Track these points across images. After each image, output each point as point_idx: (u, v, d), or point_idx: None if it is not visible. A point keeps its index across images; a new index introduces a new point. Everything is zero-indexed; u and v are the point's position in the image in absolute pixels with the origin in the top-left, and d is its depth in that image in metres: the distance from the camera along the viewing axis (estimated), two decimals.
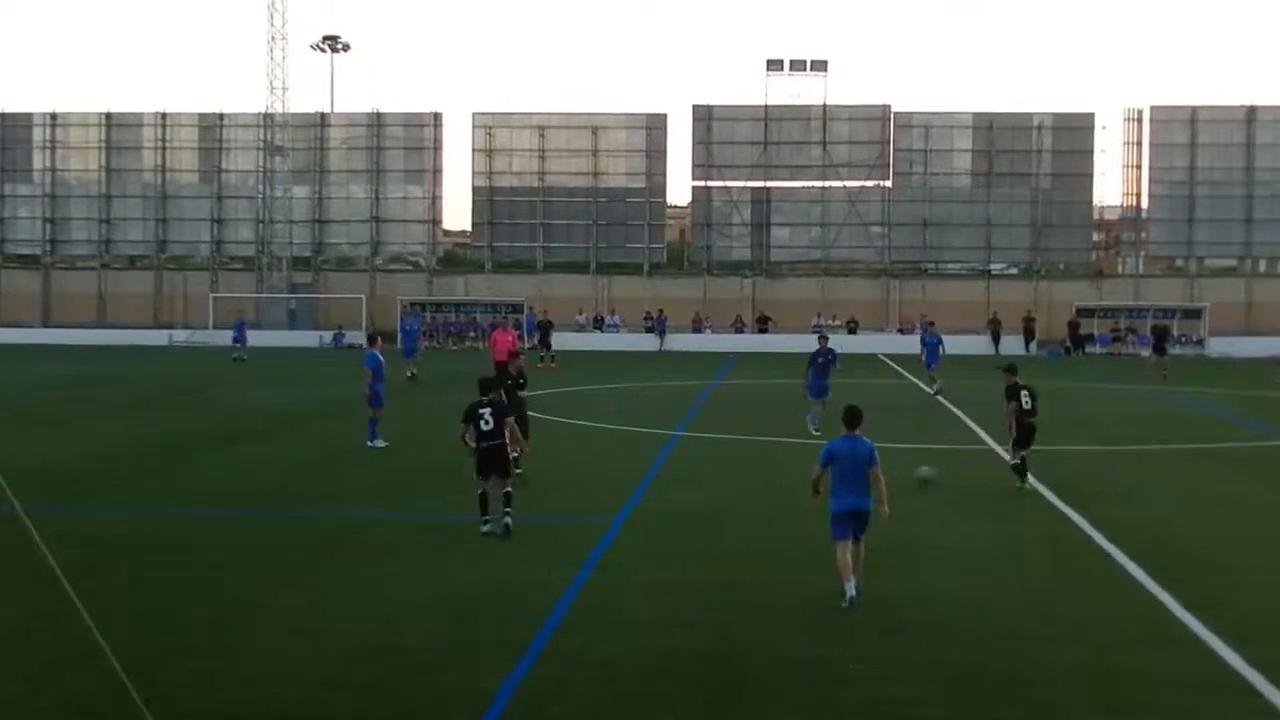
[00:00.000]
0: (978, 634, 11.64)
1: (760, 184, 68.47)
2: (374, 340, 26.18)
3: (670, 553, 14.95)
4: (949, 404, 32.81)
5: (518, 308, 63.42)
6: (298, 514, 17.62)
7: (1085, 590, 13.32)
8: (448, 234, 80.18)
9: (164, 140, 70.52)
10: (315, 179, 69.99)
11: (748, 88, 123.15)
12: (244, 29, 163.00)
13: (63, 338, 63.84)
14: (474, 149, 69.17)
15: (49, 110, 71.30)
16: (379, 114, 69.98)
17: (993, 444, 24.71)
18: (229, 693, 9.87)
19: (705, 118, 68.21)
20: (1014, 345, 60.28)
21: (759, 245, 69.12)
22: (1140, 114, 66.98)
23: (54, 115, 71.04)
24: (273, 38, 67.05)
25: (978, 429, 27.46)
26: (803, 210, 69.19)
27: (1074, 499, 18.36)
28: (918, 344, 41.28)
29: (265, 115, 67.76)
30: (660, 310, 64.87)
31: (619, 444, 25.79)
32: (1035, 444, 19.81)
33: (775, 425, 27.93)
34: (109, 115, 70.71)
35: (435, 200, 70.38)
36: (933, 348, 36.43)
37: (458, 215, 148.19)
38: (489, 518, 15.42)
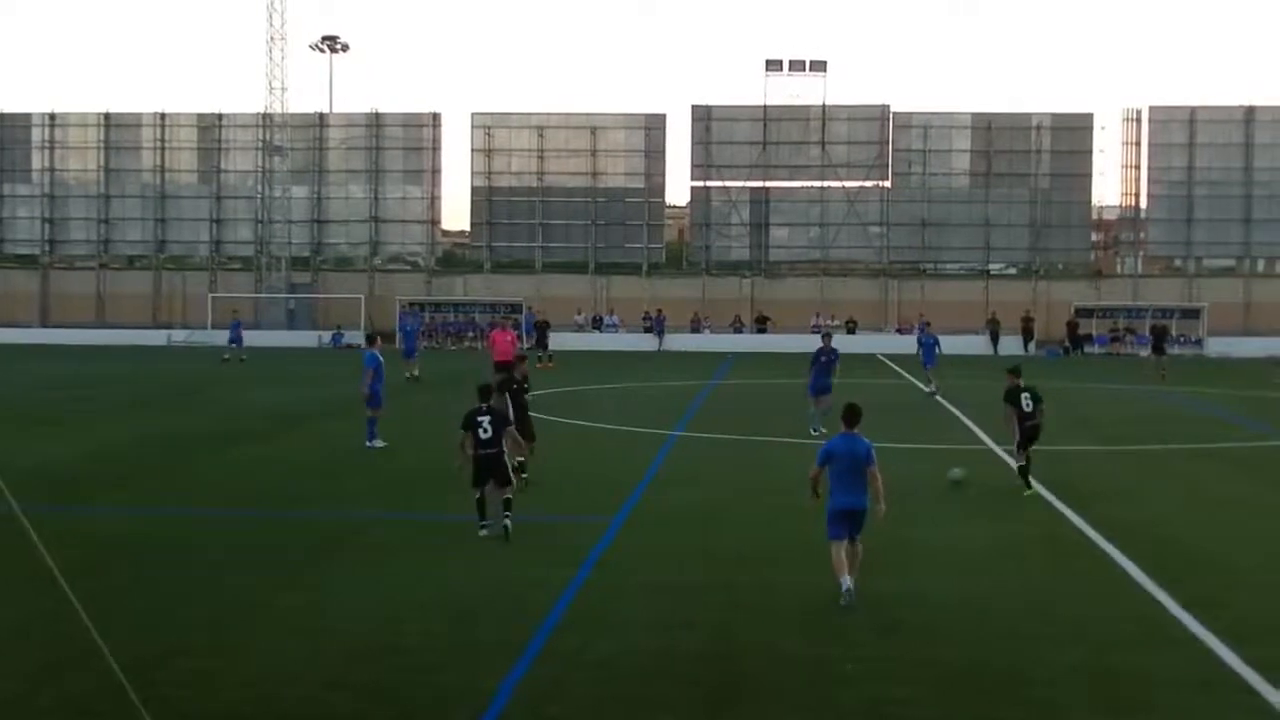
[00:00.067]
0: (977, 634, 11.65)
1: (759, 184, 68.45)
2: (373, 340, 26.17)
3: (669, 553, 14.96)
4: (947, 404, 32.83)
5: (516, 308, 63.41)
6: (297, 514, 17.62)
7: (1084, 590, 13.34)
8: (446, 234, 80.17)
9: (163, 140, 70.48)
10: (314, 179, 69.93)
11: (746, 88, 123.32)
12: (243, 29, 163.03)
13: (61, 338, 63.77)
14: (473, 149, 69.17)
15: (48, 110, 71.24)
16: (378, 114, 69.94)
17: (991, 444, 24.73)
18: (229, 693, 9.88)
19: (704, 118, 68.19)
20: (1013, 345, 60.30)
21: (758, 245, 69.12)
22: (1139, 114, 66.99)
23: (53, 115, 70.98)
24: (271, 38, 67.07)
25: (976, 429, 27.48)
26: (801, 210, 69.18)
27: (1073, 499, 18.37)
28: (915, 344, 41.28)
29: (264, 115, 67.72)
30: (659, 310, 64.86)
31: (618, 444, 25.80)
32: (1036, 444, 19.77)
33: (774, 425, 27.95)
34: (108, 115, 70.66)
35: (434, 200, 70.34)
36: (929, 348, 36.48)
37: (456, 215, 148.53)
38: (487, 522, 15.39)
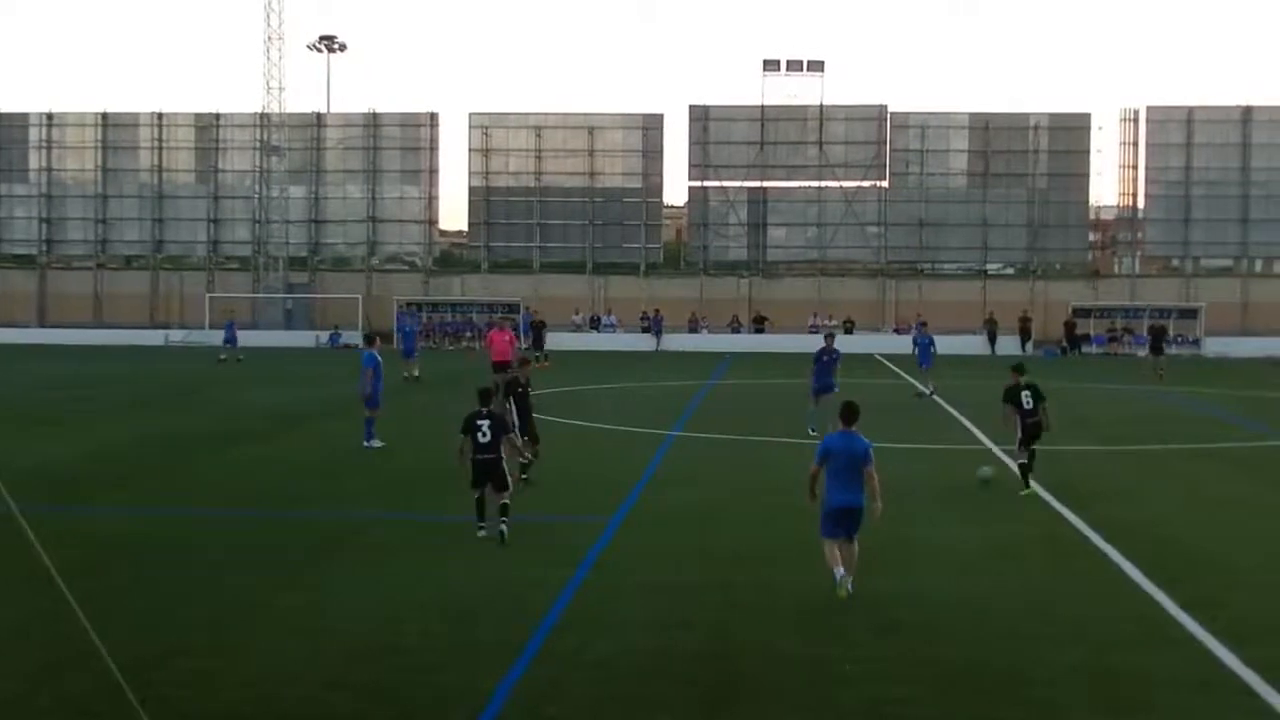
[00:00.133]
0: (975, 634, 11.66)
1: (756, 184, 68.47)
2: (372, 340, 26.14)
3: (667, 553, 14.97)
4: (945, 404, 32.85)
5: (514, 308, 63.40)
6: (297, 514, 17.63)
7: (1083, 590, 13.35)
8: (444, 234, 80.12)
9: (160, 140, 70.45)
10: (311, 179, 69.88)
11: (744, 88, 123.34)
12: (240, 29, 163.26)
13: (59, 338, 63.71)
14: (470, 149, 69.16)
15: (45, 110, 71.17)
16: (375, 114, 69.92)
17: (989, 444, 24.74)
18: (229, 693, 9.89)
19: (701, 118, 68.17)
20: (1010, 345, 60.30)
21: (755, 245, 69.13)
22: (1136, 114, 67.02)
23: (50, 115, 70.92)
24: (269, 38, 67.00)
25: (974, 429, 27.49)
26: (799, 210, 69.20)
27: (1072, 499, 18.38)
28: (910, 345, 41.27)
29: (261, 115, 67.68)
30: (657, 310, 64.84)
31: (615, 444, 25.81)
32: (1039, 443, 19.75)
33: (771, 425, 27.96)
34: (105, 115, 70.59)
35: (431, 200, 70.32)
36: (925, 348, 36.54)
37: (454, 215, 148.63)
38: (485, 523, 15.36)
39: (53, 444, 24.53)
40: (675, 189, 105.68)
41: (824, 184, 67.97)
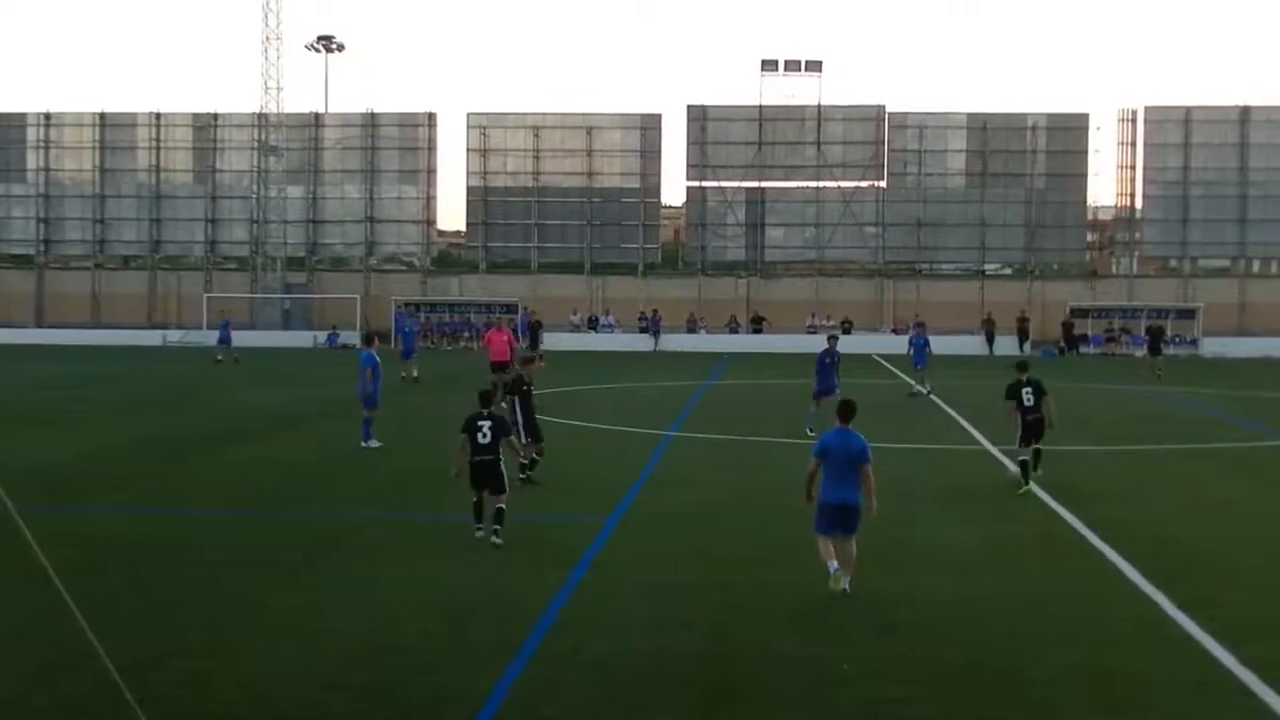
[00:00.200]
0: (973, 634, 11.65)
1: (755, 184, 68.53)
2: (371, 340, 26.11)
3: (664, 553, 14.95)
4: (943, 404, 32.85)
5: (512, 308, 63.42)
6: (294, 514, 17.61)
7: (1082, 590, 13.34)
8: (442, 234, 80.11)
9: (158, 140, 70.48)
10: (309, 179, 69.90)
11: (742, 88, 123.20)
12: (238, 29, 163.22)
13: (57, 338, 63.70)
14: (468, 149, 69.19)
15: (43, 110, 71.27)
16: (373, 114, 69.95)
17: (987, 444, 24.75)
18: (225, 693, 9.87)
19: (700, 118, 68.20)
20: (1008, 345, 60.35)
21: (753, 245, 69.17)
22: (1134, 114, 67.11)
23: (48, 115, 70.95)
24: (267, 38, 67.02)
25: (972, 429, 27.49)
26: (797, 210, 69.23)
27: (1070, 499, 18.37)
28: (906, 345, 41.27)
29: (260, 115, 67.70)
30: (655, 310, 64.85)
31: (613, 444, 25.80)
32: (1040, 443, 19.73)
33: (769, 425, 27.96)
34: (103, 115, 70.59)
35: (430, 200, 70.37)
36: (920, 349, 36.60)
37: (452, 215, 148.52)
38: (483, 523, 15.28)
39: (50, 444, 24.51)
40: (673, 189, 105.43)
41: (822, 184, 68.02)
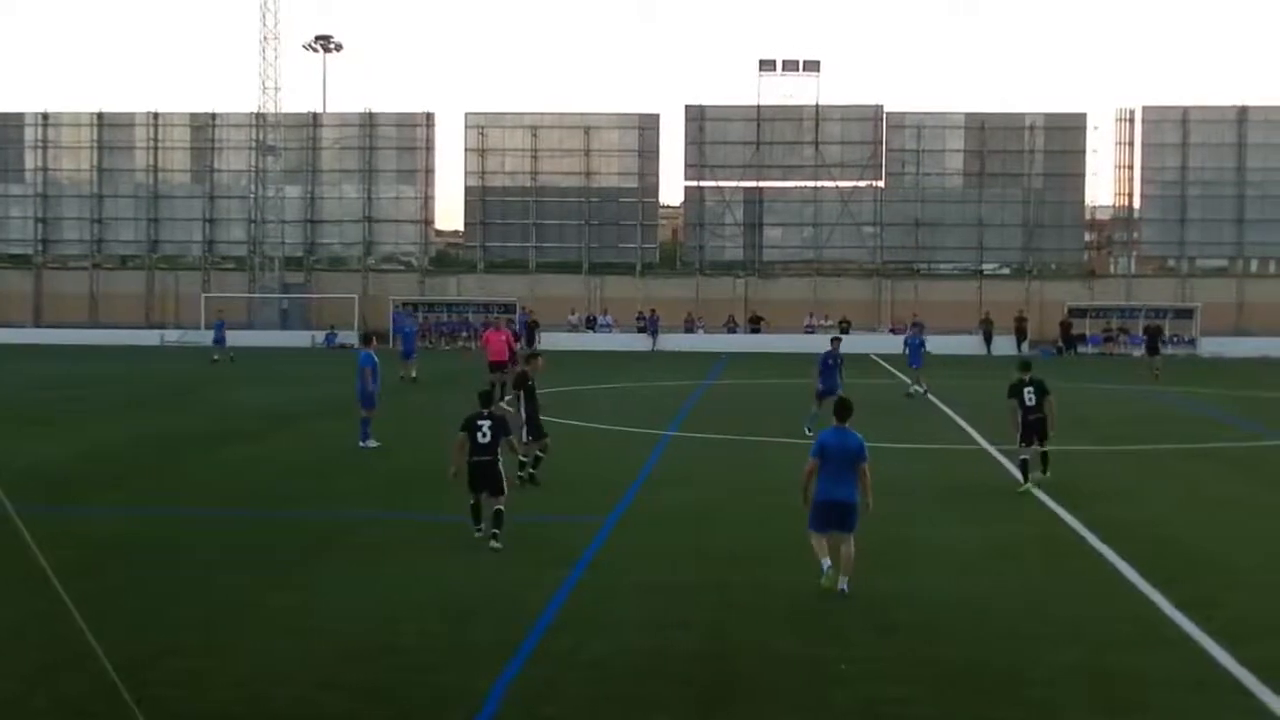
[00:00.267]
0: (972, 634, 11.64)
1: (752, 184, 68.56)
2: (369, 340, 26.08)
3: (662, 553, 14.94)
4: (941, 404, 32.85)
5: (510, 308, 63.41)
6: (290, 514, 17.59)
7: (1081, 590, 13.33)
8: (440, 234, 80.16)
9: (156, 140, 70.46)
10: (307, 179, 69.92)
11: (740, 88, 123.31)
12: (236, 29, 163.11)
13: (54, 338, 63.68)
14: (466, 149, 69.19)
15: (41, 110, 71.32)
16: (371, 114, 69.95)
17: (985, 444, 24.75)
18: (221, 693, 9.85)
19: (698, 118, 68.23)
20: (1006, 345, 60.37)
21: (751, 245, 69.18)
22: (1132, 114, 67.14)
23: (45, 115, 70.95)
24: (265, 37, 67.01)
25: (970, 429, 27.49)
26: (795, 210, 69.24)
27: (1069, 499, 18.36)
28: (901, 345, 41.31)
29: (257, 115, 67.70)
30: (653, 310, 64.86)
31: (611, 444, 25.78)
32: (1045, 443, 19.69)
33: (767, 425, 27.95)
34: (101, 115, 70.58)
35: (428, 200, 70.40)
36: (915, 349, 36.63)
37: (450, 215, 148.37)
38: (481, 525, 15.24)
39: (47, 444, 24.48)
40: (671, 189, 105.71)
41: (820, 184, 68.05)
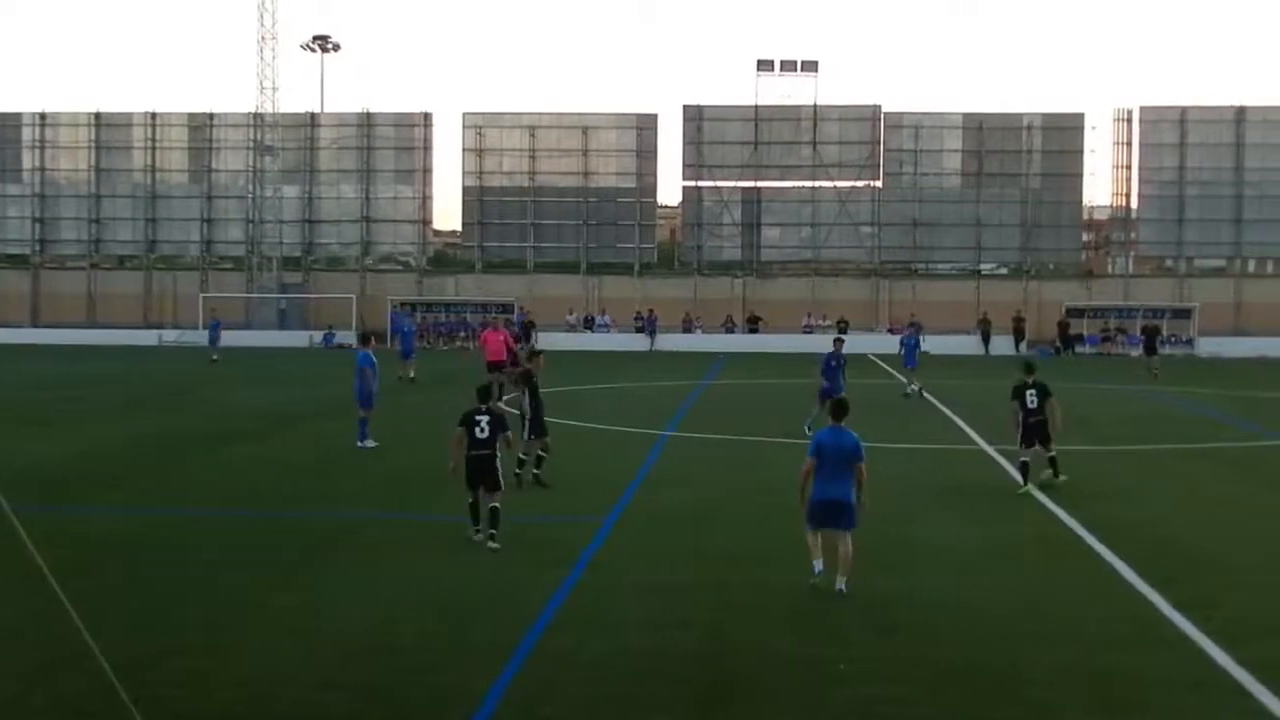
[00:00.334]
0: (971, 633, 11.66)
1: (750, 184, 68.53)
2: (367, 340, 26.12)
3: (661, 553, 14.95)
4: (940, 404, 32.87)
5: (508, 308, 63.40)
6: (291, 514, 17.60)
7: (1079, 590, 13.34)
8: (438, 234, 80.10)
9: (153, 140, 70.39)
10: (305, 179, 69.88)
11: (738, 88, 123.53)
12: (234, 29, 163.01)
13: (52, 338, 63.62)
14: (464, 149, 69.14)
15: (38, 110, 71.21)
16: (369, 114, 69.91)
17: (983, 444, 24.76)
18: (222, 693, 9.86)
19: (696, 118, 68.22)
20: (1004, 345, 60.41)
21: (749, 245, 69.16)
22: (1130, 114, 67.12)
23: (43, 115, 70.89)
24: (263, 37, 66.98)
25: (968, 429, 27.50)
26: (793, 210, 69.23)
27: (1068, 499, 18.37)
28: (898, 345, 41.26)
29: (255, 115, 67.67)
30: (650, 310, 64.85)
31: (609, 444, 25.78)
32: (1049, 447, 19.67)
33: (765, 425, 27.96)
34: (98, 115, 70.50)
35: (425, 200, 70.36)
36: (910, 348, 36.64)
37: (448, 215, 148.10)
38: (479, 526, 15.25)
39: (45, 444, 24.48)
40: (669, 189, 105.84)
41: (818, 184, 68.03)
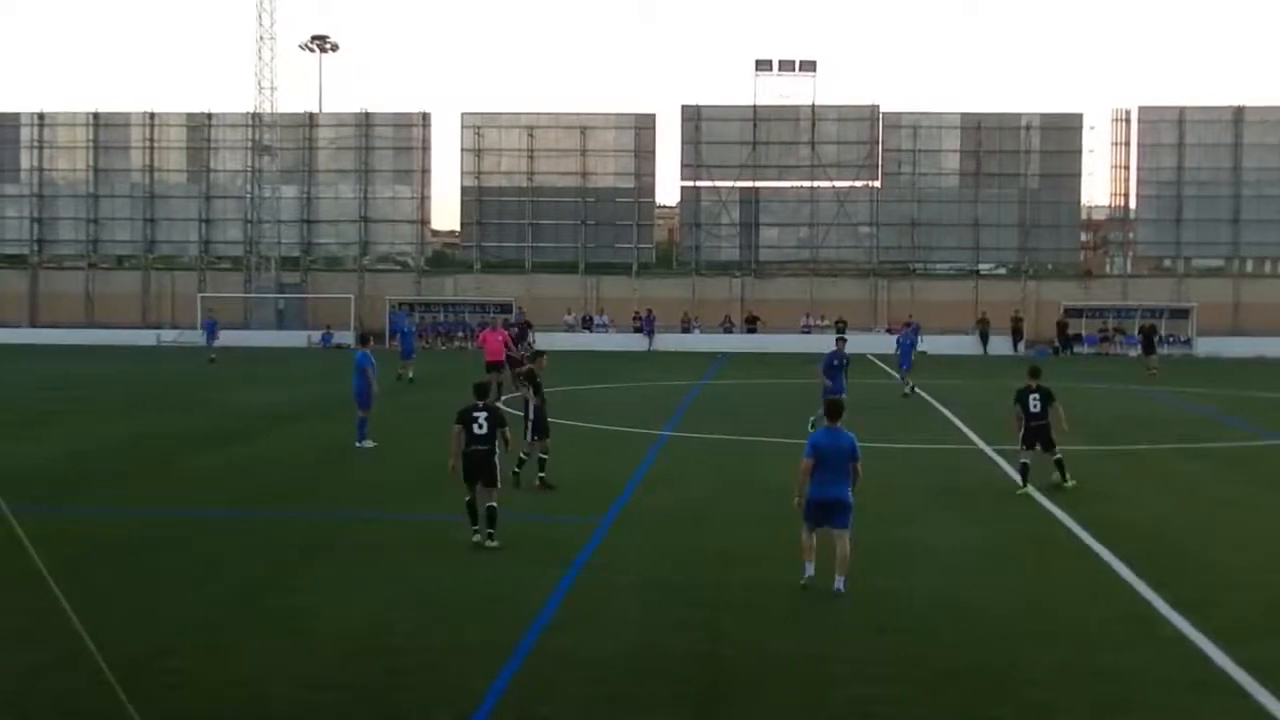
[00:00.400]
0: (969, 633, 11.65)
1: (749, 184, 68.49)
2: (366, 340, 26.15)
3: (659, 552, 14.95)
4: (938, 404, 32.87)
5: (506, 308, 63.38)
6: (288, 514, 17.60)
7: (1076, 590, 13.34)
8: (436, 234, 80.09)
9: (152, 140, 70.31)
10: (303, 179, 69.84)
11: (736, 88, 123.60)
12: (232, 29, 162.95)
13: (50, 338, 63.59)
14: (463, 149, 69.09)
15: (37, 110, 71.11)
16: (367, 114, 69.86)
17: (982, 444, 24.76)
18: (219, 692, 9.86)
19: (694, 118, 68.20)
20: (1002, 345, 60.44)
21: (747, 245, 69.12)
22: (1128, 114, 67.10)
23: (42, 115, 70.81)
24: (261, 37, 66.92)
25: (967, 429, 27.50)
26: (791, 210, 69.22)
27: (1066, 499, 18.38)
28: (894, 345, 41.28)
29: (253, 115, 67.63)
30: (649, 310, 64.84)
31: (607, 444, 25.77)
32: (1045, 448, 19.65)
33: (763, 425, 27.96)
34: (97, 115, 70.43)
35: (424, 200, 70.33)
36: (906, 349, 36.66)
37: (446, 215, 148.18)
38: (478, 528, 15.21)
39: (43, 444, 24.48)
40: (667, 189, 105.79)
41: (816, 184, 68.00)
